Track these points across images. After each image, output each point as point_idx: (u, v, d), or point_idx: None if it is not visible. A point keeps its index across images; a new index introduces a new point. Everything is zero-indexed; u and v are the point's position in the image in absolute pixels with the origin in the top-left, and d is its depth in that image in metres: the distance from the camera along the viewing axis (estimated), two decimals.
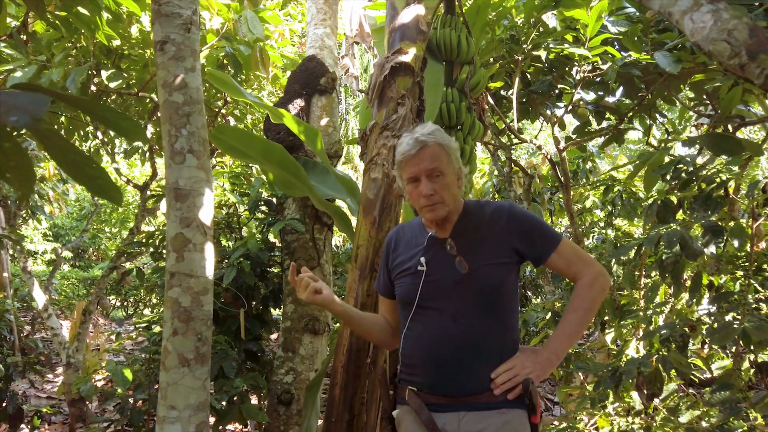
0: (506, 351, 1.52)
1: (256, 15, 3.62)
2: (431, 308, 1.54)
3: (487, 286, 1.52)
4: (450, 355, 1.50)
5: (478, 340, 1.50)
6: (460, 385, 1.49)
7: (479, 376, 1.48)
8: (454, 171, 1.58)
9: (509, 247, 1.55)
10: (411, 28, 2.23)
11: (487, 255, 1.54)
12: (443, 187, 1.54)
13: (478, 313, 1.51)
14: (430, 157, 1.53)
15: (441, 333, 1.52)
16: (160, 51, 1.73)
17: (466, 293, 1.52)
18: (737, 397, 2.01)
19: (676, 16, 0.75)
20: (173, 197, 1.70)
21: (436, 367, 1.51)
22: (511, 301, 1.57)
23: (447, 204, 1.55)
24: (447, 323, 1.52)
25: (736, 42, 0.68)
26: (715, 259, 2.11)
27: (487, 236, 1.56)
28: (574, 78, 3.77)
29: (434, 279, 1.55)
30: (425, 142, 1.54)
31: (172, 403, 1.67)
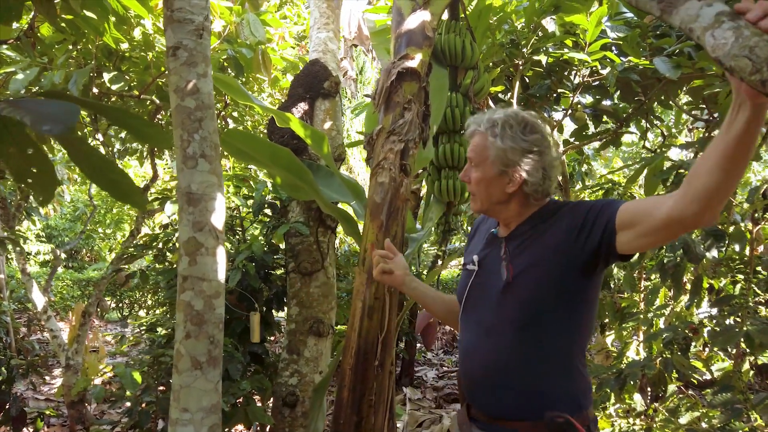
0: (553, 377, 1.34)
1: (258, 18, 3.64)
2: (472, 315, 1.47)
3: (527, 300, 1.35)
4: (480, 371, 1.41)
5: (507, 361, 1.35)
6: (490, 405, 1.39)
7: (510, 400, 1.35)
8: (496, 169, 1.41)
9: (568, 252, 1.32)
10: (417, 34, 2.25)
11: (539, 263, 1.35)
12: (477, 180, 1.44)
13: (512, 330, 1.35)
14: (473, 146, 1.46)
15: (471, 347, 1.44)
16: (173, 56, 1.74)
17: (505, 305, 1.38)
18: (738, 399, 2.04)
19: (697, 32, 0.78)
20: (185, 201, 1.71)
21: (468, 381, 1.45)
22: (567, 320, 1.36)
23: (479, 199, 1.46)
24: (480, 337, 1.42)
25: (758, 59, 0.71)
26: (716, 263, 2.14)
27: (547, 240, 1.37)
28: (572, 82, 3.82)
29: (481, 282, 1.46)
30: (476, 130, 1.46)
31: (185, 406, 1.68)
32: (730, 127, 0.95)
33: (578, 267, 1.31)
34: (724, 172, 0.99)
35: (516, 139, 1.39)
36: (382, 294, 2.08)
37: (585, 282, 1.34)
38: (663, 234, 1.18)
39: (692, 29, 0.78)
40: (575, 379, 1.35)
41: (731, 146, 0.96)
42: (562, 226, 1.34)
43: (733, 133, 0.95)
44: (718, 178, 1.00)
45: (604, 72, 3.40)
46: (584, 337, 1.39)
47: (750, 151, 0.98)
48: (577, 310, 1.36)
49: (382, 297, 2.08)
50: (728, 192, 1.02)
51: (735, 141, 0.95)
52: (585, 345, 1.42)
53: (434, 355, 7.07)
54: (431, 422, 4.05)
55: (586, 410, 1.35)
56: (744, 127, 0.92)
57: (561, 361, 1.35)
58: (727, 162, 0.98)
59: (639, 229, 1.20)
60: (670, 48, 2.96)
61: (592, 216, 1.29)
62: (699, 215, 1.06)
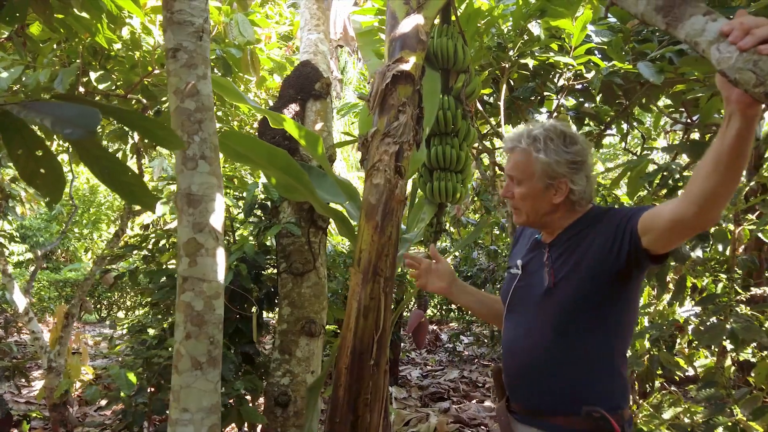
0: (590, 376, 1.40)
1: (247, 18, 3.64)
2: (514, 316, 1.53)
3: (568, 304, 1.40)
4: (520, 368, 1.48)
5: (546, 361, 1.42)
6: (532, 399, 1.46)
7: (548, 396, 1.42)
8: (542, 183, 1.47)
9: (605, 259, 1.37)
10: (411, 38, 2.28)
11: (579, 269, 1.41)
12: (521, 196, 1.49)
13: (551, 332, 1.42)
14: (513, 163, 1.51)
15: (513, 345, 1.51)
16: (173, 58, 1.75)
17: (545, 308, 1.44)
18: (721, 394, 2.12)
19: (703, 45, 0.82)
20: (186, 203, 1.72)
21: (509, 377, 1.52)
22: (605, 323, 1.41)
23: (525, 213, 1.51)
24: (519, 336, 1.49)
25: (762, 72, 0.75)
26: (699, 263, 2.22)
27: (586, 247, 1.42)
28: (556, 84, 3.89)
29: (524, 285, 1.52)
30: (515, 146, 1.51)
31: (185, 406, 1.69)
32: (724, 137, 1.01)
33: (615, 273, 1.36)
34: (720, 177, 1.05)
35: (559, 152, 1.46)
36: (377, 294, 2.11)
37: (622, 287, 1.40)
38: (673, 234, 1.24)
39: (697, 43, 0.83)
40: (613, 380, 1.41)
41: (725, 154, 1.02)
42: (601, 235, 1.40)
43: (726, 142, 1.00)
44: (714, 182, 1.06)
45: (588, 76, 3.48)
46: (623, 338, 1.45)
47: (744, 157, 1.03)
48: (615, 314, 1.41)
49: (378, 297, 2.11)
50: (725, 195, 1.08)
51: (728, 149, 1.01)
52: (624, 347, 1.48)
53: (418, 355, 7.13)
54: (418, 420, 4.09)
55: (622, 410, 1.40)
56: (736, 136, 0.98)
57: (599, 362, 1.41)
58: (721, 168, 1.04)
59: (655, 232, 1.27)
60: (652, 53, 3.04)
61: (623, 225, 1.35)
62: (698, 216, 1.13)
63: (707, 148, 1.09)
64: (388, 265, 2.15)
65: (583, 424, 1.35)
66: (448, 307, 8.90)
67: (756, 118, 0.95)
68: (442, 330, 8.93)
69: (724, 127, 1.00)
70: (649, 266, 1.39)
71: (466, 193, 2.60)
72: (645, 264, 1.36)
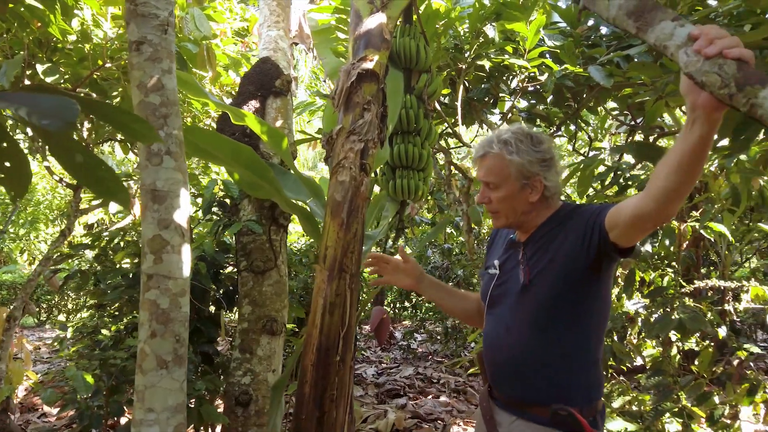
0: (567, 371, 1.46)
1: (203, 13, 3.57)
2: (494, 312, 1.59)
3: (544, 300, 1.46)
4: (500, 362, 1.54)
5: (525, 357, 1.48)
6: (511, 391, 1.53)
7: (526, 390, 1.48)
8: (518, 183, 1.53)
9: (577, 255, 1.43)
10: (375, 36, 2.31)
11: (552, 266, 1.47)
12: (499, 199, 1.54)
13: (530, 327, 1.48)
14: (486, 169, 1.55)
15: (493, 340, 1.57)
16: (136, 51, 1.71)
17: (523, 305, 1.50)
18: (668, 382, 2.24)
19: (671, 49, 0.88)
20: (150, 198, 1.68)
21: (491, 370, 1.58)
22: (580, 317, 1.47)
23: (504, 215, 1.56)
24: (500, 332, 1.55)
25: (726, 75, 0.81)
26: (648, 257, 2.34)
27: (558, 245, 1.48)
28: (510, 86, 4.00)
29: (502, 283, 1.58)
30: (487, 152, 1.55)
31: (150, 406, 1.65)
32: (686, 139, 1.07)
33: (587, 267, 1.43)
34: (680, 177, 1.13)
35: (530, 152, 1.53)
36: (343, 290, 2.12)
37: (594, 281, 1.46)
38: (636, 228, 1.31)
39: (666, 47, 0.89)
40: (588, 372, 1.48)
41: (686, 155, 1.09)
42: (572, 232, 1.47)
43: (688, 144, 1.07)
44: (674, 181, 1.14)
45: (541, 78, 3.59)
46: (598, 331, 1.52)
47: (703, 159, 1.11)
48: (589, 307, 1.48)
49: (343, 293, 2.13)
50: (684, 193, 1.16)
51: (690, 151, 1.07)
52: (599, 339, 1.54)
53: (373, 353, 7.16)
54: (376, 417, 4.12)
55: (595, 402, 1.48)
56: (698, 139, 1.04)
57: (576, 355, 1.47)
58: (682, 169, 1.11)
59: (620, 227, 1.34)
60: (601, 57, 3.17)
61: (591, 222, 1.42)
62: (658, 212, 1.21)
63: (656, 148, 1.17)
64: (354, 262, 2.17)
65: (555, 417, 1.42)
66: (402, 305, 8.97)
67: (718, 123, 1.01)
68: (396, 328, 9.00)
69: (687, 131, 1.06)
70: (618, 259, 1.47)
71: (427, 191, 2.65)
72: (614, 257, 1.43)
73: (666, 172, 1.14)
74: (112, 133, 4.45)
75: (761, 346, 7.14)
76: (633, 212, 1.27)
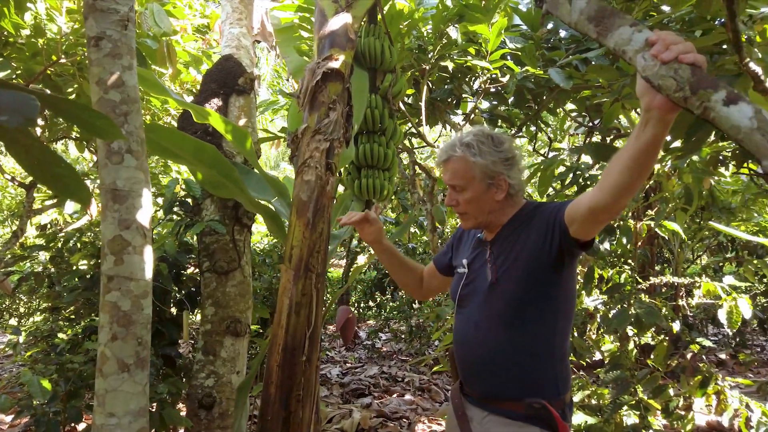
0: (536, 365, 1.49)
1: (163, 9, 3.50)
2: (464, 311, 1.62)
3: (511, 297, 1.50)
4: (471, 360, 1.57)
5: (495, 353, 1.51)
6: (482, 387, 1.55)
7: (498, 386, 1.51)
8: (484, 184, 1.56)
9: (540, 251, 1.47)
10: (340, 36, 2.31)
11: (517, 264, 1.51)
12: (466, 201, 1.57)
13: (498, 324, 1.51)
14: (451, 172, 1.58)
15: (463, 338, 1.60)
16: (95, 47, 1.66)
17: (491, 302, 1.53)
18: (626, 376, 2.32)
19: (630, 53, 0.92)
20: (110, 198, 1.64)
21: (462, 367, 1.61)
22: (547, 312, 1.50)
23: (473, 216, 1.59)
24: (469, 330, 1.58)
25: (681, 79, 0.85)
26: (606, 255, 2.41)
27: (523, 242, 1.52)
28: (472, 87, 4.06)
29: (470, 282, 1.61)
30: (451, 156, 1.58)
31: (111, 410, 1.61)
32: (639, 138, 1.11)
33: (551, 263, 1.47)
34: (632, 173, 1.18)
35: (492, 152, 1.57)
36: (309, 290, 2.11)
37: (558, 276, 1.50)
38: (592, 221, 1.37)
39: (625, 51, 0.92)
40: (556, 366, 1.51)
41: (639, 153, 1.13)
42: (535, 230, 1.51)
43: (641, 142, 1.11)
44: (627, 176, 1.19)
45: (503, 79, 3.65)
46: (564, 326, 1.55)
47: (654, 157, 1.16)
48: (555, 302, 1.52)
49: (309, 293, 2.12)
50: (635, 187, 1.22)
51: (643, 149, 1.12)
52: (566, 333, 1.58)
53: (337, 353, 7.14)
54: (341, 417, 4.11)
55: (564, 395, 1.52)
56: (652, 139, 1.09)
57: (544, 350, 1.51)
58: (634, 165, 1.16)
59: (578, 221, 1.39)
60: (561, 60, 3.24)
61: (552, 219, 1.47)
62: (611, 205, 1.26)
63: (613, 149, 1.21)
64: (320, 261, 2.16)
65: (529, 411, 1.46)
66: (366, 304, 8.98)
67: (670, 124, 1.06)
68: (361, 327, 9.00)
69: (641, 130, 1.10)
70: (579, 253, 1.51)
71: (392, 190, 2.66)
72: (575, 252, 1.48)
73: (620, 168, 1.19)
74: (66, 131, 4.31)
75: (712, 340, 7.43)
76: (589, 206, 1.32)
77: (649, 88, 0.92)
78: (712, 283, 2.54)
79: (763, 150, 0.79)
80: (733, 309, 2.37)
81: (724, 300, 2.40)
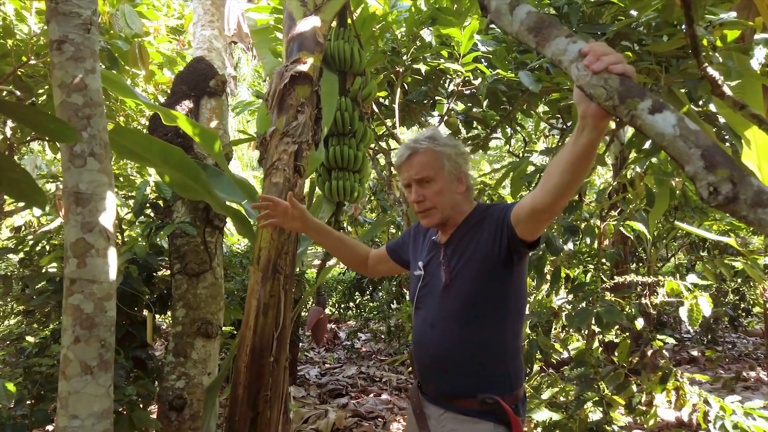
0: (490, 362, 1.53)
1: (134, 10, 3.48)
2: (421, 312, 1.65)
3: (465, 298, 1.53)
4: (427, 359, 1.60)
5: (450, 352, 1.54)
6: (439, 385, 1.59)
7: (453, 383, 1.55)
8: (450, 176, 1.59)
9: (490, 252, 1.51)
10: (309, 39, 2.33)
11: (470, 264, 1.54)
12: (435, 193, 1.58)
13: (453, 324, 1.54)
14: (419, 165, 1.58)
15: (420, 338, 1.62)
16: (57, 51, 1.66)
17: (446, 303, 1.57)
18: (590, 373, 2.37)
19: (565, 63, 0.95)
20: (73, 201, 1.64)
21: (419, 366, 1.64)
22: (499, 311, 1.54)
23: (440, 210, 1.59)
24: (426, 330, 1.61)
25: (611, 88, 0.89)
26: (571, 255, 2.46)
27: (475, 243, 1.55)
28: (447, 89, 4.10)
29: (426, 284, 1.64)
30: (416, 149, 1.59)
31: (74, 413, 1.62)
32: (576, 143, 1.16)
33: (501, 263, 1.51)
34: (570, 175, 1.23)
35: (452, 146, 1.61)
36: (277, 291, 2.13)
37: (509, 275, 1.54)
38: (535, 221, 1.41)
39: (561, 61, 0.96)
40: (508, 363, 1.56)
41: (577, 157, 1.18)
42: (485, 232, 1.54)
43: (578, 147, 1.16)
44: (565, 179, 1.24)
45: (476, 82, 3.70)
46: (516, 324, 1.60)
47: (591, 159, 1.21)
48: (507, 301, 1.56)
49: (277, 294, 2.14)
50: (573, 189, 1.27)
51: (580, 153, 1.16)
52: (518, 331, 1.62)
53: (316, 354, 7.15)
54: (317, 417, 4.13)
55: (516, 390, 1.56)
56: (587, 143, 1.13)
57: (496, 348, 1.54)
58: (572, 168, 1.21)
59: (523, 221, 1.43)
60: (532, 63, 3.30)
61: (500, 220, 1.50)
62: (552, 205, 1.31)
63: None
64: (288, 263, 2.19)
65: (482, 406, 1.50)
66: (346, 305, 9.00)
67: (605, 130, 1.11)
68: (341, 328, 9.01)
69: (578, 135, 1.15)
70: (527, 253, 1.55)
71: (363, 192, 2.69)
72: (523, 251, 1.52)
73: (559, 170, 1.24)
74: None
75: (685, 338, 7.57)
76: (531, 207, 1.37)
77: (584, 97, 0.95)
78: (676, 282, 2.61)
79: (685, 156, 0.83)
80: (694, 307, 2.44)
81: (685, 298, 2.47)
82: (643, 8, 3.04)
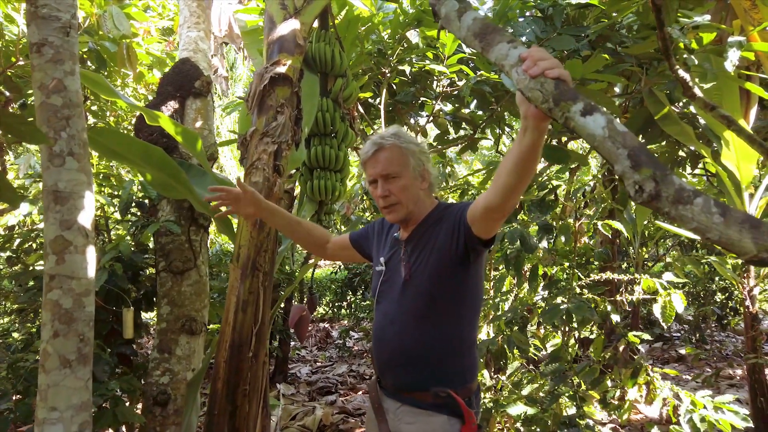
0: (445, 357, 1.57)
1: (122, 11, 3.53)
2: (382, 307, 1.69)
3: (423, 293, 1.58)
4: (386, 353, 1.65)
5: (408, 346, 1.59)
6: (395, 378, 1.64)
7: (410, 377, 1.60)
8: (415, 172, 1.64)
9: (448, 250, 1.55)
10: (289, 41, 2.37)
11: (429, 261, 1.58)
12: (400, 188, 1.62)
13: (412, 319, 1.59)
14: (385, 160, 1.62)
15: (380, 333, 1.67)
16: (37, 53, 1.71)
17: (405, 298, 1.61)
18: (564, 368, 2.42)
19: (507, 67, 1.00)
20: (52, 200, 1.69)
21: (378, 361, 1.69)
22: (456, 307, 1.58)
23: (405, 205, 1.64)
24: (385, 325, 1.65)
25: (546, 92, 0.94)
26: (548, 252, 2.51)
27: (434, 241, 1.60)
28: (434, 90, 4.15)
29: (387, 279, 1.69)
30: (381, 145, 1.63)
31: (53, 405, 1.67)
32: (520, 144, 1.21)
33: (458, 261, 1.56)
34: (517, 175, 1.28)
35: (415, 144, 1.67)
36: (256, 288, 2.18)
37: (466, 273, 1.59)
38: (488, 220, 1.45)
39: (503, 65, 1.01)
40: (463, 358, 1.61)
41: (522, 157, 1.23)
42: (443, 230, 1.59)
43: (522, 148, 1.21)
44: (513, 179, 1.29)
45: (461, 83, 3.75)
46: (471, 319, 1.64)
47: (535, 160, 1.26)
48: (463, 297, 1.61)
49: (256, 291, 2.18)
50: (521, 188, 1.32)
51: (524, 153, 1.22)
52: (473, 326, 1.67)
53: (308, 352, 7.19)
54: (304, 414, 4.17)
55: (470, 384, 1.62)
56: (530, 144, 1.19)
57: (452, 343, 1.60)
58: (518, 168, 1.26)
59: (477, 219, 1.48)
60: None
61: (457, 219, 1.55)
62: (501, 205, 1.37)
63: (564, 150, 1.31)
64: (267, 260, 2.23)
65: (436, 399, 1.55)
66: (339, 304, 9.05)
67: (545, 131, 1.16)
68: (334, 327, 9.06)
69: (521, 137, 1.20)
70: (484, 250, 1.59)
71: (345, 191, 2.73)
72: (479, 249, 1.56)
73: (506, 171, 1.29)
74: None
75: (675, 336, 7.63)
76: (483, 206, 1.42)
77: (525, 99, 1.00)
78: (651, 280, 2.66)
79: (614, 156, 0.88)
80: (667, 304, 2.49)
81: (660, 295, 2.52)
82: (621, 11, 3.10)
